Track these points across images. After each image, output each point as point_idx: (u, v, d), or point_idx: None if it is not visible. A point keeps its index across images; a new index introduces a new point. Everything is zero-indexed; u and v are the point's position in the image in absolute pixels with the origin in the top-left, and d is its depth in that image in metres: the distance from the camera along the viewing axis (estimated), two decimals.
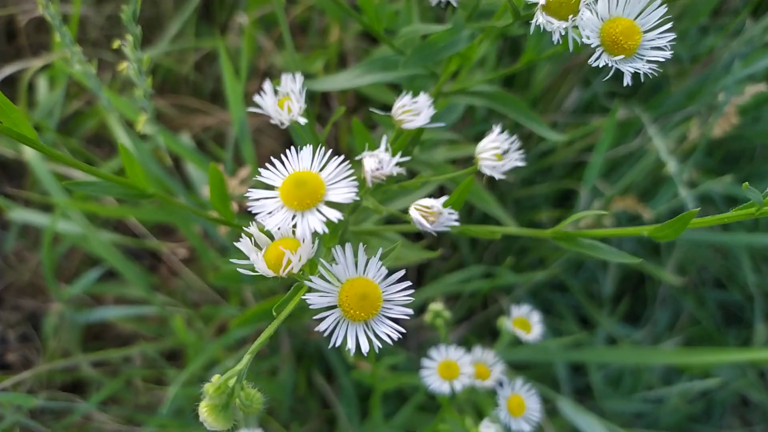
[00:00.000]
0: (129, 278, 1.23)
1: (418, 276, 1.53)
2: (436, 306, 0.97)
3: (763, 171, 1.52)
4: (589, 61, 0.53)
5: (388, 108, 0.70)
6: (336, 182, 0.55)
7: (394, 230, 0.89)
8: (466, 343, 1.14)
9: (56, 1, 0.86)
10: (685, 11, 1.47)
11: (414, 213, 0.64)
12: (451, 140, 1.22)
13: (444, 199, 0.66)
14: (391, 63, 0.85)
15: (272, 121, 0.68)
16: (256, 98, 0.69)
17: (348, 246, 0.56)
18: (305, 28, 1.53)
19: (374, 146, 0.67)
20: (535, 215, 1.51)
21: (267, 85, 0.69)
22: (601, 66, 0.53)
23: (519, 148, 0.68)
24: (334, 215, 0.54)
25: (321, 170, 0.56)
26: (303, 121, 0.67)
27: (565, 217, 0.74)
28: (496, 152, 0.67)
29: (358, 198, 0.57)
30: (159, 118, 1.53)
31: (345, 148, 1.44)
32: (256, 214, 0.55)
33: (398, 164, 0.65)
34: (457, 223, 0.65)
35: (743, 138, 1.47)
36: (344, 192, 0.55)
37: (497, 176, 0.67)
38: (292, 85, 0.68)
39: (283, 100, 0.67)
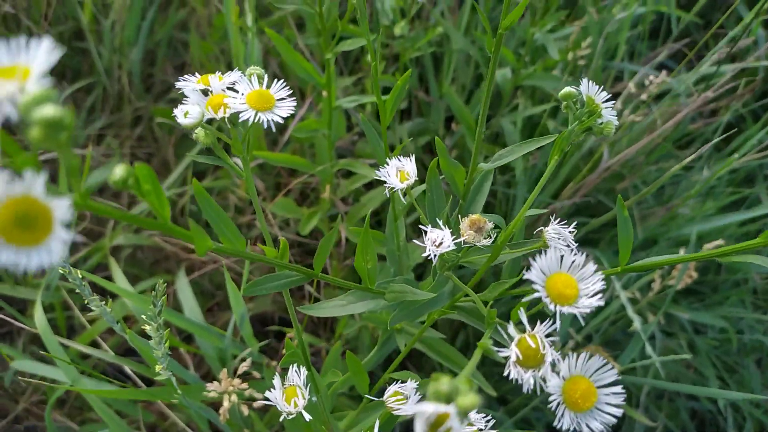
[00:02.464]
0: None
1: None
2: None
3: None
4: (554, 423, 0.60)
5: None
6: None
7: None
8: None
9: None
10: (654, 148, 1.57)
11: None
12: None
13: None
14: (374, 294, 0.93)
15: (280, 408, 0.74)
16: (267, 394, 0.76)
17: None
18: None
19: None
20: None
21: (276, 382, 0.76)
22: (563, 427, 0.61)
23: None
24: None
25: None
26: (307, 417, 0.74)
27: None
28: None
29: None
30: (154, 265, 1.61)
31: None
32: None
33: None
34: None
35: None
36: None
37: None
38: (297, 379, 0.75)
39: (291, 391, 0.74)
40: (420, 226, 0.78)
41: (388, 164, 0.83)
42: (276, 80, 0.70)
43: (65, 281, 1.50)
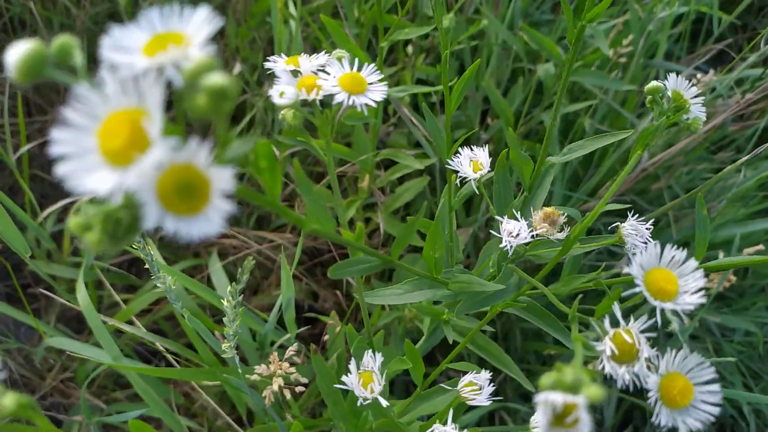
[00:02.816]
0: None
1: None
2: None
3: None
4: (652, 419, 0.61)
5: None
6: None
7: None
8: None
9: None
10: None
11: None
12: None
13: None
14: (434, 283, 0.93)
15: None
16: (344, 378, 0.76)
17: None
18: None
19: None
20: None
21: (352, 366, 0.76)
22: (661, 423, 0.61)
23: None
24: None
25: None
26: (384, 403, 0.74)
27: None
28: None
29: None
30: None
31: None
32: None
33: None
34: None
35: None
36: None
37: None
38: (372, 363, 0.75)
39: (366, 377, 0.74)
40: (496, 217, 0.78)
41: (459, 154, 0.83)
42: (366, 64, 0.70)
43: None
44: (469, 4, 1.59)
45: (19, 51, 0.39)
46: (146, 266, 0.97)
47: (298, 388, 1.11)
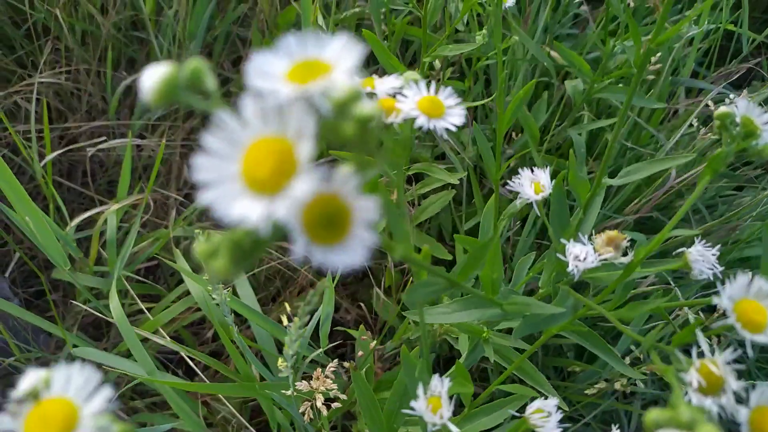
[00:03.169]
0: None
1: None
2: None
3: None
4: None
5: None
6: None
7: None
8: None
9: None
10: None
11: None
12: None
13: None
14: (486, 303, 0.92)
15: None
16: (413, 404, 0.75)
17: None
18: None
19: None
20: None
21: (420, 391, 0.75)
22: None
23: None
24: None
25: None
26: (455, 429, 0.73)
27: None
28: None
29: None
30: None
31: None
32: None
33: None
34: None
35: None
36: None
37: None
38: (440, 387, 0.74)
39: (435, 402, 0.73)
40: (561, 241, 0.78)
41: (520, 174, 0.83)
42: (443, 87, 0.70)
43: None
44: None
45: (154, 75, 0.39)
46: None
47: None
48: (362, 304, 1.61)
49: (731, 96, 1.42)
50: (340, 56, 0.38)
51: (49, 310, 1.58)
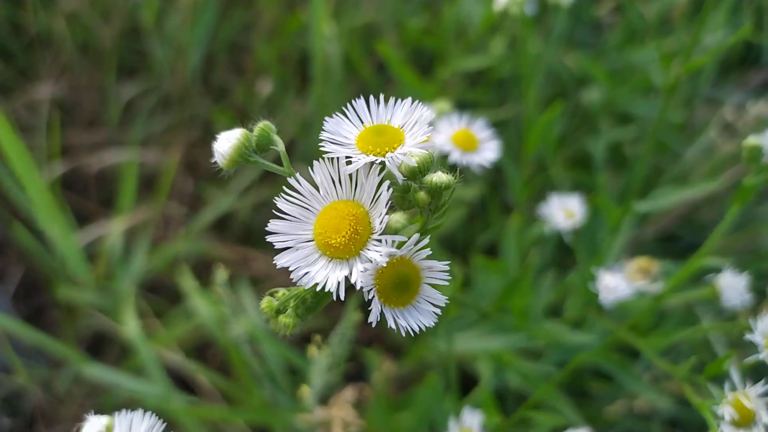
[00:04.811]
0: None
1: None
2: None
3: None
4: None
5: None
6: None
7: None
8: None
9: None
10: None
11: None
12: None
13: None
14: (515, 330, 0.90)
15: None
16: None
17: None
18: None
19: None
20: None
21: (452, 424, 0.73)
22: None
23: None
24: None
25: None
26: None
27: None
28: None
29: None
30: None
31: None
32: None
33: None
34: None
35: None
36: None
37: None
38: (472, 421, 0.72)
39: None
40: (592, 270, 0.76)
41: (549, 201, 0.81)
42: (473, 118, 0.68)
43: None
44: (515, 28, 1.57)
45: (228, 141, 0.40)
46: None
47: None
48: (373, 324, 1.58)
49: (747, 106, 1.41)
50: (409, 122, 0.38)
51: (50, 324, 1.55)
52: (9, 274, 1.56)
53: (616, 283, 0.73)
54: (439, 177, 0.36)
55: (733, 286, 0.75)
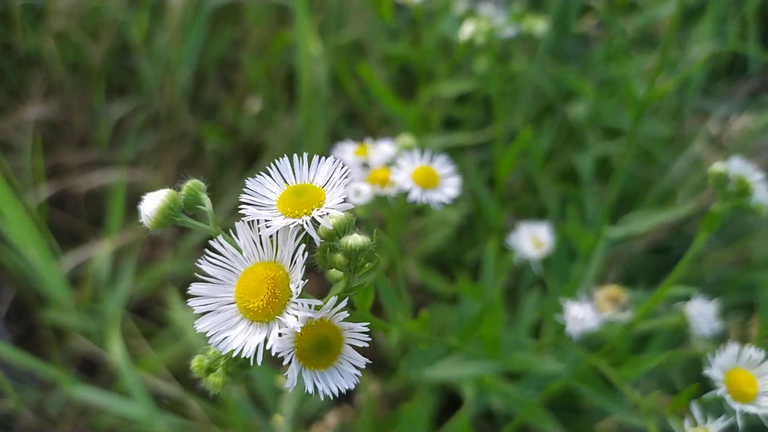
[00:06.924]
0: None
1: None
2: None
3: None
4: None
5: None
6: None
7: None
8: None
9: None
10: None
11: None
12: None
13: None
14: (486, 359, 0.90)
15: None
16: None
17: None
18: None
19: None
20: None
21: None
22: None
23: None
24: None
25: None
26: None
27: None
28: None
29: None
30: None
31: None
32: None
33: None
34: None
35: None
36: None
37: None
38: None
39: None
40: (559, 300, 0.75)
41: (518, 230, 0.81)
42: (433, 154, 0.67)
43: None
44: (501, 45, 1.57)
45: (153, 203, 0.40)
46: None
47: None
48: None
49: (731, 119, 1.40)
50: (329, 182, 0.38)
51: (41, 345, 1.56)
52: (1, 295, 1.57)
53: (584, 314, 0.73)
54: (354, 240, 0.35)
55: (702, 313, 0.75)
